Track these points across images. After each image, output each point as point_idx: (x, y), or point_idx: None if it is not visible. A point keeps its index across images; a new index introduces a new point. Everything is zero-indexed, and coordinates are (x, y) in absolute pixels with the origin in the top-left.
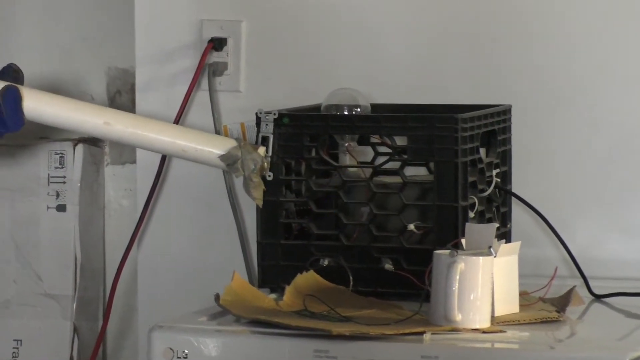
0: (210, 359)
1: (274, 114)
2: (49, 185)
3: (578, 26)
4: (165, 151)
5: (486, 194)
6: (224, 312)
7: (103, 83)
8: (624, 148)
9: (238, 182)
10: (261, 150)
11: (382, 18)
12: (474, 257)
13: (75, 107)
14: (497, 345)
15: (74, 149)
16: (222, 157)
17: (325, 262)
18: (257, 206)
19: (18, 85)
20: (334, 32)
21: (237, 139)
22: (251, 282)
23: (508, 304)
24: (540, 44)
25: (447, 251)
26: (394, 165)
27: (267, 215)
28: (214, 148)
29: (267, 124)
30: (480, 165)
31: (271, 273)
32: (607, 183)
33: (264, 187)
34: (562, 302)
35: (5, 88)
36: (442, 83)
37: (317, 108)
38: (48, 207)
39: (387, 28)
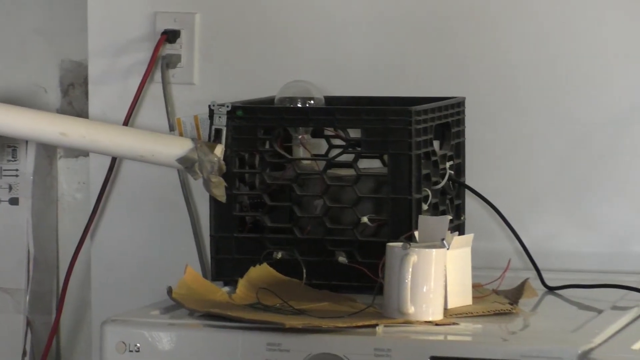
0: (162, 352)
1: (227, 107)
2: (1, 178)
3: (537, 21)
4: (123, 156)
5: (440, 186)
6: (176, 305)
7: (56, 76)
8: (579, 143)
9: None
10: (218, 149)
11: (338, 11)
12: (427, 250)
13: (31, 118)
14: (450, 337)
15: (27, 142)
16: (180, 161)
17: (279, 255)
18: (211, 199)
19: None
20: (289, 24)
21: (193, 139)
22: (205, 275)
23: (461, 296)
24: (498, 38)
25: (400, 244)
26: (348, 158)
27: (221, 208)
28: (171, 151)
29: (220, 117)
30: (434, 158)
31: (225, 266)
32: (561, 177)
33: (225, 184)
34: (515, 294)
35: None
36: (399, 76)
37: (271, 100)
38: (0, 200)
39: (343, 21)
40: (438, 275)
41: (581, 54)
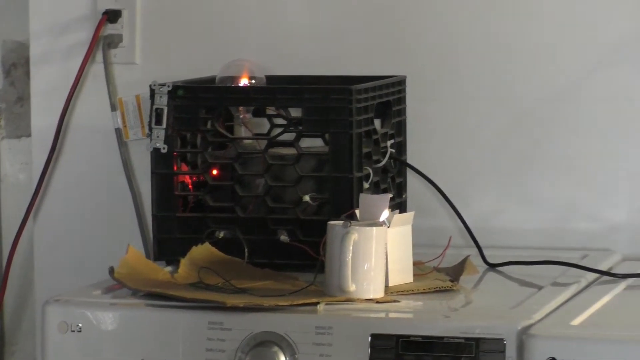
0: (104, 332)
1: (168, 86)
2: None
3: None
4: None
5: (381, 164)
6: (119, 285)
7: None
8: (519, 119)
9: (134, 154)
10: None
11: None
12: (368, 228)
13: None
14: (391, 314)
15: None
16: None
17: (221, 234)
18: (153, 179)
19: None
20: (230, 3)
21: None
22: (147, 255)
23: (402, 274)
24: (439, 16)
25: (341, 222)
26: (290, 137)
27: (163, 188)
28: None
29: (161, 96)
30: (375, 136)
31: (167, 246)
32: (502, 154)
33: None
34: (456, 272)
35: None
36: (340, 55)
37: (212, 80)
38: None
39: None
40: (379, 253)
41: (521, 31)
